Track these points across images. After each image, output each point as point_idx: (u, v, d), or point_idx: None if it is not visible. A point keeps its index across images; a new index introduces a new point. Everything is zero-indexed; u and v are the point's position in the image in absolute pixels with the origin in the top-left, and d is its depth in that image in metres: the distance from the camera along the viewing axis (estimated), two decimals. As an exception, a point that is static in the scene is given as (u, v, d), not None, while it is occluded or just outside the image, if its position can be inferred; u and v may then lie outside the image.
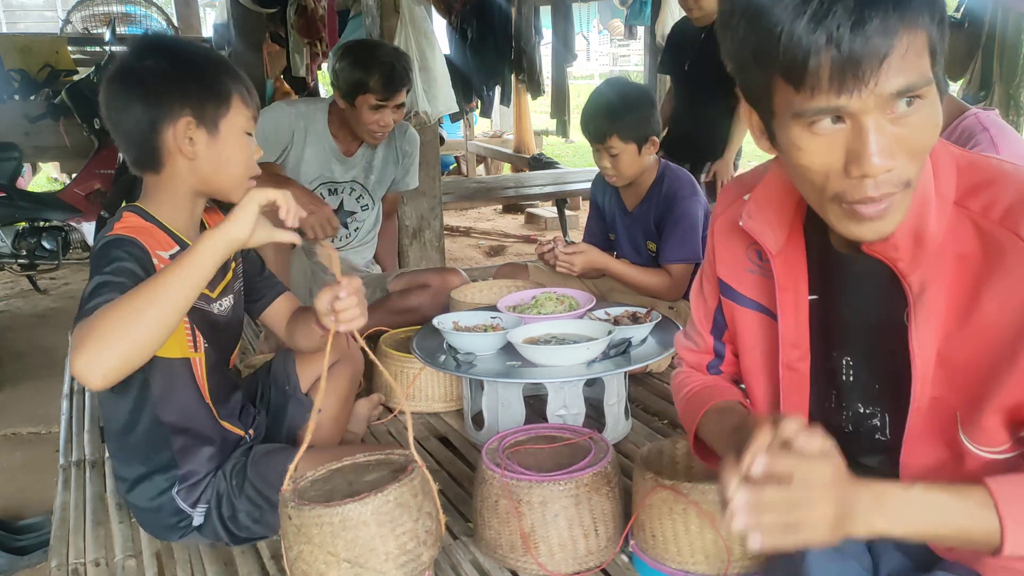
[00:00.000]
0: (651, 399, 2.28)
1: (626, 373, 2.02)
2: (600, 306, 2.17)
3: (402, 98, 2.59)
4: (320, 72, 6.41)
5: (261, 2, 5.57)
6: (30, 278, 4.63)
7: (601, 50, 17.92)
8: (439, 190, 3.43)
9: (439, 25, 5.15)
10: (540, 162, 6.52)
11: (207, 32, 7.72)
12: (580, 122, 2.47)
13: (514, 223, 6.66)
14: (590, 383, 2.00)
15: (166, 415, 1.49)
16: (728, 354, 1.29)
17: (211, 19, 8.07)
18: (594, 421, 1.99)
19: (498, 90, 5.94)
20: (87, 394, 2.35)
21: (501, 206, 6.91)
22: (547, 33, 6.03)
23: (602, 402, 1.98)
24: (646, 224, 2.53)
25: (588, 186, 2.89)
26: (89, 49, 6.61)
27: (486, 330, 2.03)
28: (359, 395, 2.07)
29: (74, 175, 4.94)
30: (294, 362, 1.78)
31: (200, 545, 1.59)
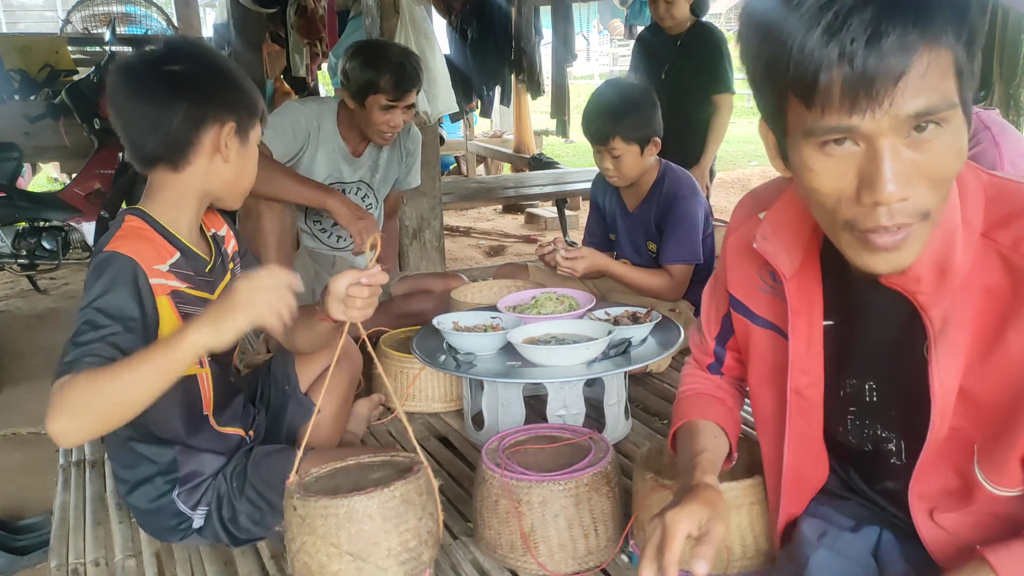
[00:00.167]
0: (651, 399, 2.28)
1: (626, 373, 2.02)
2: (600, 306, 2.17)
3: (412, 98, 2.59)
4: (320, 72, 6.41)
5: (261, 2, 5.57)
6: (30, 278, 4.63)
7: (601, 50, 17.91)
8: (439, 190, 3.43)
9: (439, 25, 5.15)
10: (540, 162, 6.52)
11: (207, 32, 7.72)
12: (581, 123, 2.47)
13: (514, 223, 6.66)
14: (590, 383, 2.00)
15: (164, 431, 1.49)
16: (729, 360, 1.29)
17: (211, 19, 8.07)
18: (594, 421, 1.99)
19: (498, 90, 5.94)
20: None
21: (501, 206, 6.91)
22: (547, 33, 6.03)
23: (602, 402, 1.98)
24: (647, 224, 2.53)
25: (588, 186, 2.89)
26: (89, 49, 6.60)
27: (486, 330, 2.03)
28: (358, 395, 2.08)
29: (74, 175, 4.93)
30: (294, 362, 1.78)
31: (200, 545, 1.59)
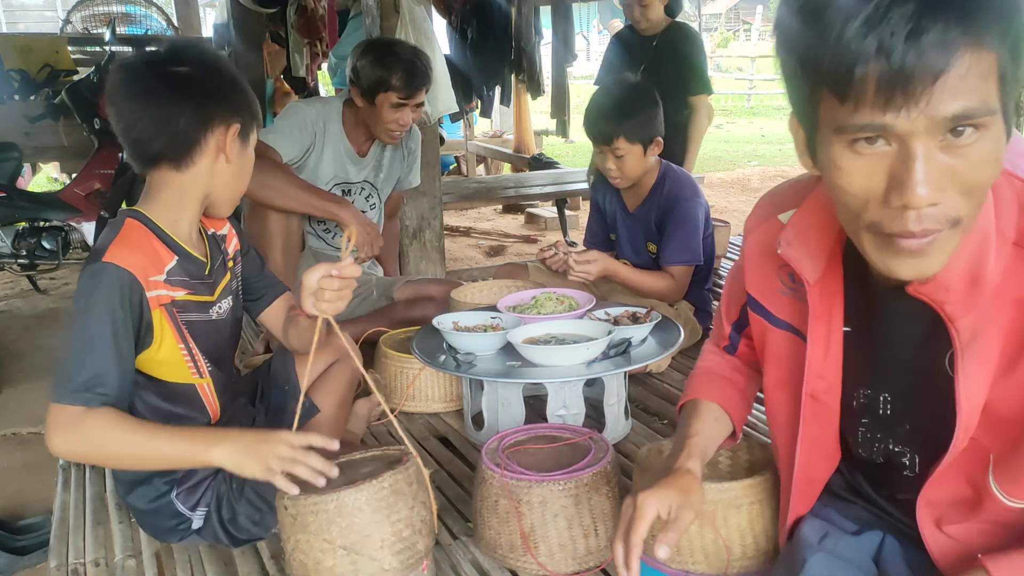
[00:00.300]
0: (651, 399, 2.28)
1: (626, 373, 2.02)
2: (600, 306, 2.17)
3: (422, 97, 2.59)
4: (320, 72, 6.40)
5: (261, 2, 5.56)
6: (30, 278, 4.63)
7: (601, 50, 17.91)
8: (439, 190, 3.43)
9: (439, 25, 5.15)
10: (540, 162, 6.51)
11: (207, 32, 7.71)
12: (584, 123, 2.46)
13: (514, 223, 6.66)
14: (590, 383, 2.00)
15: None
16: (743, 347, 1.31)
17: (211, 19, 8.05)
18: (594, 421, 1.99)
19: (498, 90, 5.93)
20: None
21: (501, 206, 6.91)
22: (547, 33, 6.02)
23: (602, 402, 1.98)
24: (647, 225, 2.53)
25: (588, 186, 2.89)
26: (89, 49, 6.59)
27: (486, 330, 2.03)
28: (358, 395, 2.07)
29: (74, 175, 4.93)
30: (294, 362, 1.78)
31: (200, 546, 1.59)
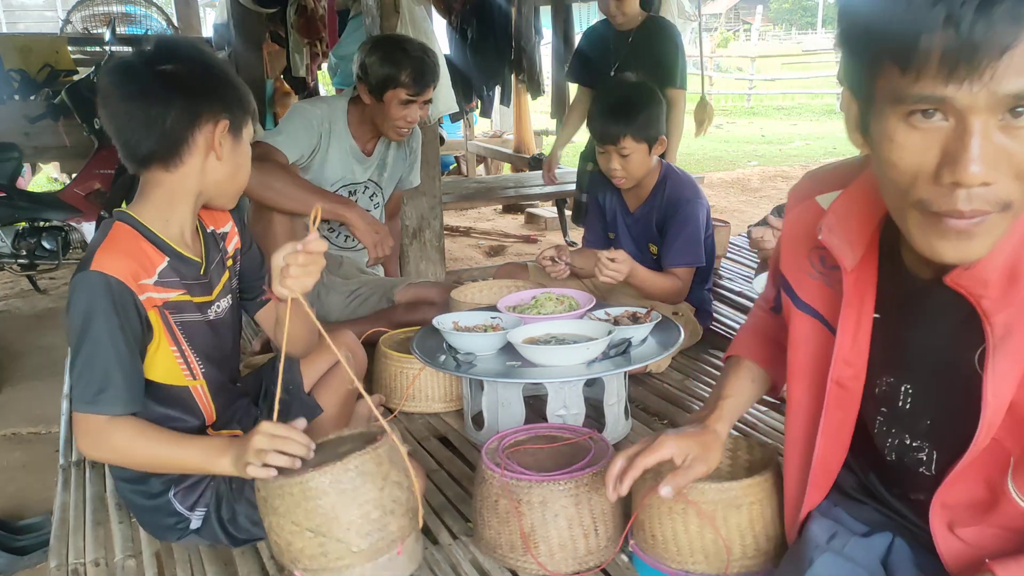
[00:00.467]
0: (651, 399, 2.28)
1: (626, 373, 2.02)
2: (600, 306, 2.17)
3: (430, 94, 2.59)
4: (320, 72, 6.40)
5: (261, 2, 5.56)
6: (30, 278, 4.63)
7: (601, 50, 17.87)
8: (439, 190, 3.43)
9: (439, 25, 5.15)
10: (540, 162, 6.50)
11: (207, 32, 7.71)
12: (588, 123, 2.45)
13: (514, 223, 6.66)
14: (590, 383, 2.00)
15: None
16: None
17: (211, 19, 8.05)
18: (594, 421, 1.99)
19: (498, 90, 5.93)
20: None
21: (501, 206, 6.91)
22: (547, 33, 6.02)
23: (602, 402, 1.98)
24: (648, 226, 2.52)
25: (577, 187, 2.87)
26: (89, 49, 6.59)
27: (486, 330, 2.03)
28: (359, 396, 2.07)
29: (74, 175, 4.93)
30: (297, 361, 1.78)
31: (200, 545, 1.59)
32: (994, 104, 0.73)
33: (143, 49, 1.41)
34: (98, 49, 6.37)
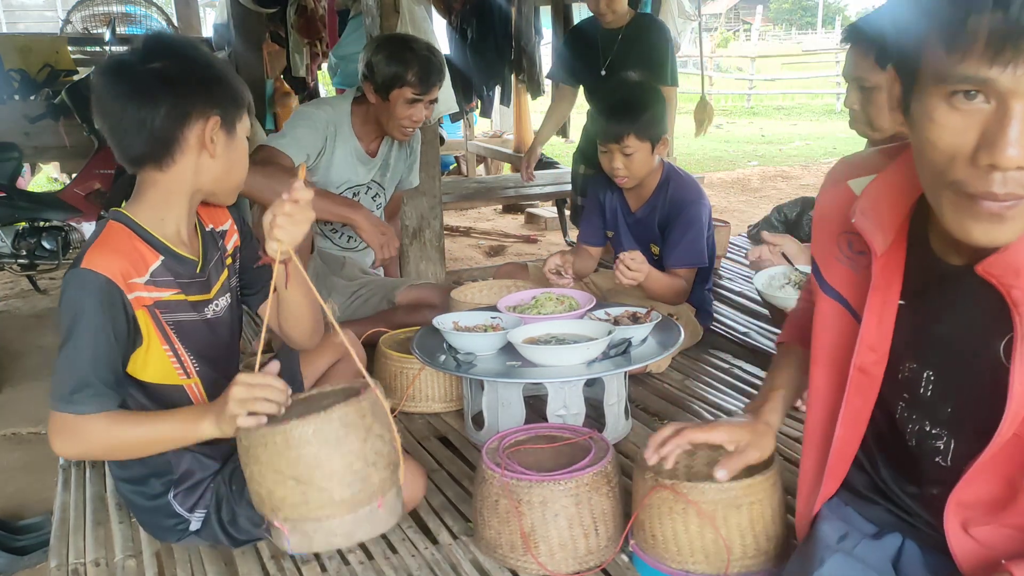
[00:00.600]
0: (651, 399, 2.28)
1: (626, 373, 2.02)
2: (600, 306, 2.17)
3: (436, 93, 2.59)
4: (320, 72, 6.40)
5: (261, 2, 5.56)
6: (30, 278, 4.63)
7: (601, 50, 17.87)
8: (439, 190, 3.42)
9: (439, 25, 5.15)
10: (540, 162, 6.49)
11: (207, 32, 7.71)
12: (589, 122, 2.44)
13: (514, 223, 6.66)
14: (590, 383, 2.00)
15: None
16: None
17: (211, 19, 8.05)
18: (594, 421, 1.99)
19: (498, 90, 5.93)
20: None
21: (501, 206, 6.91)
22: (547, 33, 6.02)
23: (602, 402, 1.98)
24: (651, 227, 2.52)
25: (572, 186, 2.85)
26: (89, 49, 6.59)
27: (486, 330, 2.03)
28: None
29: (74, 175, 4.93)
30: (298, 361, 1.77)
31: (200, 546, 1.59)
32: None
33: (132, 49, 1.40)
34: (98, 49, 6.37)
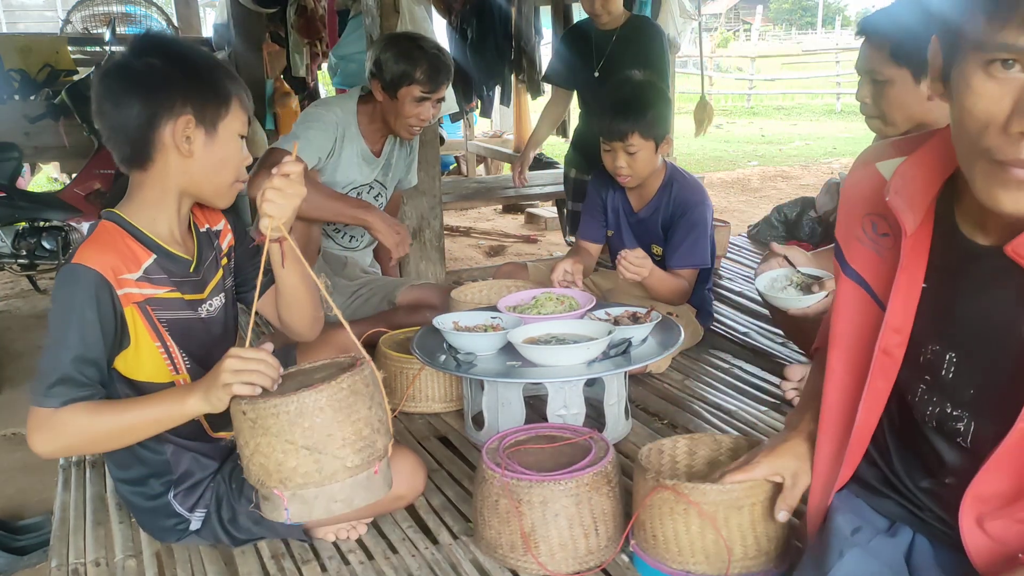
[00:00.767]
0: (651, 399, 2.28)
1: (626, 373, 2.02)
2: (600, 306, 2.17)
3: (444, 92, 2.59)
4: (320, 72, 6.40)
5: (261, 2, 5.57)
6: (30, 278, 4.64)
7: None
8: (439, 190, 3.42)
9: (439, 25, 5.15)
10: (540, 162, 6.50)
11: (207, 32, 7.72)
12: (591, 121, 2.44)
13: (514, 223, 6.67)
14: (590, 383, 2.00)
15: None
16: None
17: (211, 19, 8.05)
18: (594, 421, 1.99)
19: (498, 90, 5.92)
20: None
21: (501, 206, 6.91)
22: (547, 33, 6.02)
23: (602, 402, 1.98)
24: (653, 227, 2.52)
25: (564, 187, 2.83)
26: (89, 49, 6.59)
27: (486, 330, 2.03)
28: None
29: (74, 175, 4.93)
30: (296, 360, 1.77)
31: (200, 545, 1.59)
32: None
33: (126, 49, 1.41)
34: (98, 49, 6.37)
